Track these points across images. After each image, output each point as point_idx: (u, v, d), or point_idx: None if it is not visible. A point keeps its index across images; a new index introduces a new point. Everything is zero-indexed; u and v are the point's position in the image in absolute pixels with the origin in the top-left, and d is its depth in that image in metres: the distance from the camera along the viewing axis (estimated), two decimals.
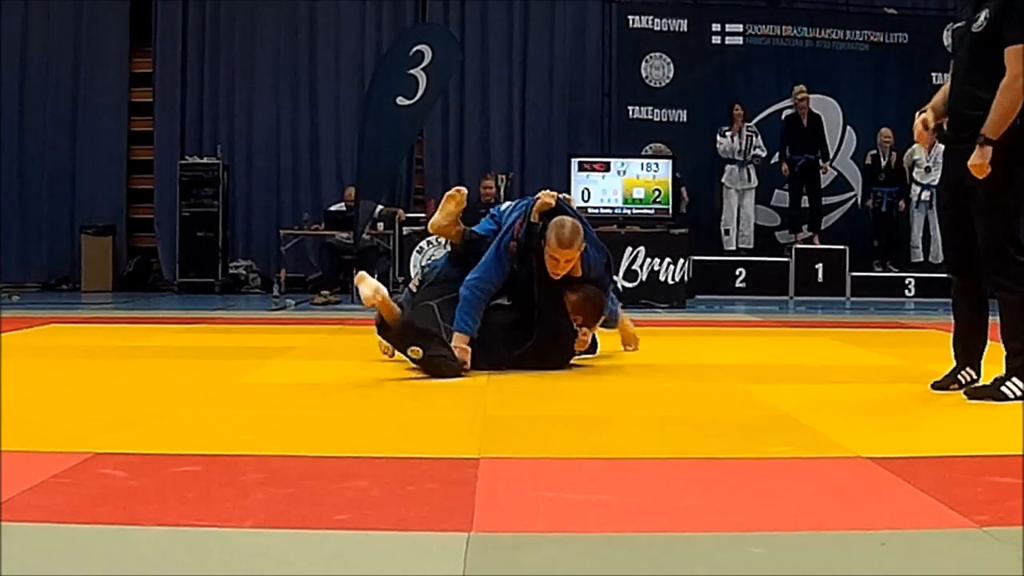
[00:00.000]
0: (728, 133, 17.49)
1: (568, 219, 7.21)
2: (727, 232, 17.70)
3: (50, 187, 19.06)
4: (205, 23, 19.38)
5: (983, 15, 5.94)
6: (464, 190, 7.78)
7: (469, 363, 7.07)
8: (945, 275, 18.21)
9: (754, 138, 17.62)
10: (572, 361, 7.54)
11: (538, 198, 7.40)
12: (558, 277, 7.20)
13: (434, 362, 6.98)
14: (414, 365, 7.14)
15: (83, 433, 4.93)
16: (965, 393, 6.04)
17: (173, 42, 19.26)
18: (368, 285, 7.00)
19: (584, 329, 7.33)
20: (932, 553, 3.23)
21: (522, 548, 3.23)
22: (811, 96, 17.78)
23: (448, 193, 7.72)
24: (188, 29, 19.34)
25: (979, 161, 5.86)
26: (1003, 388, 5.92)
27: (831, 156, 18.14)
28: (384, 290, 7.02)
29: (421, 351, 6.98)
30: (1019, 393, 5.88)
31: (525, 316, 7.34)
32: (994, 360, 6.17)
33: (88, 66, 19.18)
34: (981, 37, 5.95)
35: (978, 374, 6.26)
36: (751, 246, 17.67)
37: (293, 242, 17.53)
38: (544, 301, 7.28)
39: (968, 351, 6.29)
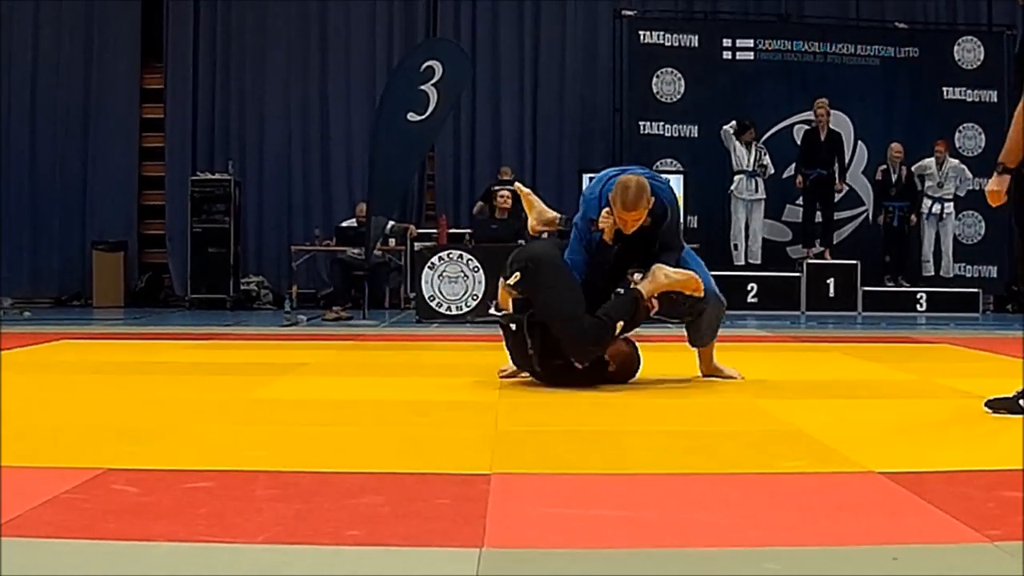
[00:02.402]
0: (738, 141, 17.52)
1: (633, 178, 7.11)
2: (735, 247, 17.70)
3: (62, 203, 19.15)
4: (216, 39, 19.46)
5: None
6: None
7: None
8: (956, 289, 18.19)
9: (762, 154, 17.63)
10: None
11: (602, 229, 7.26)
12: (629, 233, 7.18)
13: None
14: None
15: (94, 449, 4.93)
16: (986, 404, 5.96)
17: (184, 58, 19.35)
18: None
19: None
20: (944, 568, 3.22)
21: (534, 563, 3.22)
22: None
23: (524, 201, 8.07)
24: (199, 45, 19.43)
25: (995, 188, 5.77)
26: (1021, 402, 5.83)
27: (845, 171, 18.14)
28: None
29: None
30: None
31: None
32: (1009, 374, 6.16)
33: (99, 83, 19.27)
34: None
35: None
36: (759, 261, 17.68)
37: (304, 258, 17.58)
38: None
39: None
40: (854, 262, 17.50)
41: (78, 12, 19.32)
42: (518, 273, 7.15)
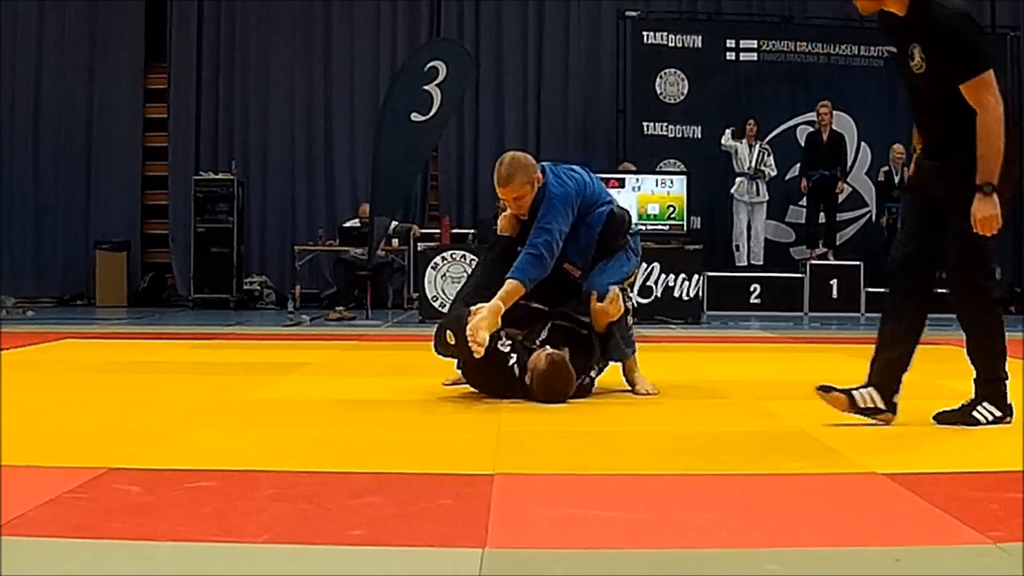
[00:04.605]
0: (740, 141, 17.55)
1: (509, 154, 6.87)
2: (737, 248, 17.72)
3: (65, 202, 19.15)
4: (220, 39, 19.46)
5: (917, 54, 5.42)
6: None
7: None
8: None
9: (766, 156, 17.64)
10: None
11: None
12: (518, 212, 6.90)
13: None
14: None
15: (97, 448, 4.94)
16: (934, 418, 5.80)
17: (188, 58, 19.34)
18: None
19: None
20: (947, 569, 3.22)
21: (537, 564, 3.22)
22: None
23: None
24: (203, 45, 19.42)
25: (992, 212, 5.29)
26: (974, 413, 5.70)
27: (847, 172, 18.12)
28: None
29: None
30: (991, 418, 5.66)
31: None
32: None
33: (103, 82, 19.27)
34: (925, 79, 5.46)
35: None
36: (761, 262, 17.68)
37: (308, 258, 17.58)
38: None
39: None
40: (857, 263, 17.48)
41: (82, 12, 19.32)
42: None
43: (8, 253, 18.72)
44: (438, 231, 16.75)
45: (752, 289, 17.22)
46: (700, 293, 15.10)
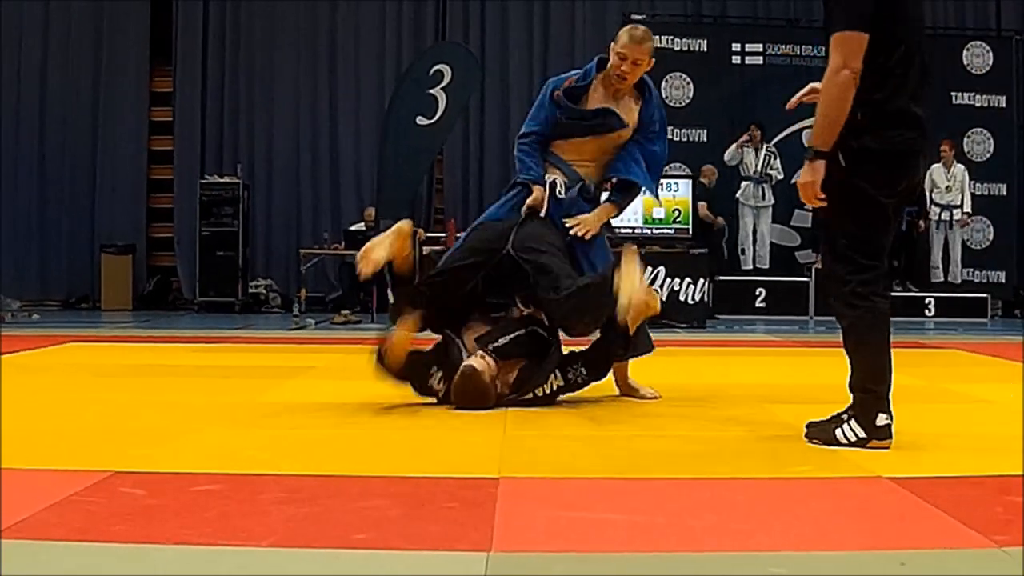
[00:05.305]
0: (746, 147, 17.55)
1: (640, 26, 6.98)
2: (743, 251, 17.71)
3: (70, 206, 19.17)
4: (225, 42, 19.47)
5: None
6: None
7: (544, 202, 6.87)
8: (965, 295, 18.01)
9: (772, 159, 17.63)
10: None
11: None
12: (623, 77, 7.14)
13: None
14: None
15: (102, 451, 4.93)
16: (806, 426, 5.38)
17: (193, 61, 19.36)
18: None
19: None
20: (952, 573, 3.22)
21: (542, 567, 3.22)
22: None
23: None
24: (208, 48, 19.44)
25: (807, 179, 5.03)
26: (837, 432, 5.16)
27: None
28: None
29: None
30: (853, 439, 5.08)
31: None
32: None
33: (108, 85, 19.29)
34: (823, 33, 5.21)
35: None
36: (767, 266, 17.66)
37: (313, 261, 17.57)
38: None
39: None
40: None
41: (86, 14, 19.34)
42: None
43: (13, 256, 18.74)
44: (443, 235, 16.75)
45: (758, 293, 17.20)
46: (706, 297, 15.08)
